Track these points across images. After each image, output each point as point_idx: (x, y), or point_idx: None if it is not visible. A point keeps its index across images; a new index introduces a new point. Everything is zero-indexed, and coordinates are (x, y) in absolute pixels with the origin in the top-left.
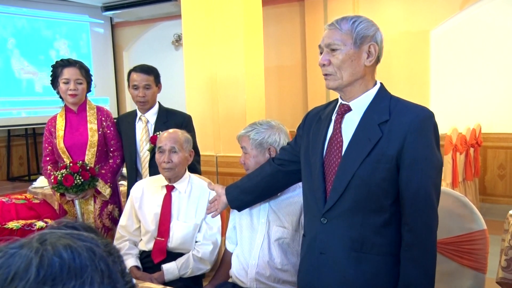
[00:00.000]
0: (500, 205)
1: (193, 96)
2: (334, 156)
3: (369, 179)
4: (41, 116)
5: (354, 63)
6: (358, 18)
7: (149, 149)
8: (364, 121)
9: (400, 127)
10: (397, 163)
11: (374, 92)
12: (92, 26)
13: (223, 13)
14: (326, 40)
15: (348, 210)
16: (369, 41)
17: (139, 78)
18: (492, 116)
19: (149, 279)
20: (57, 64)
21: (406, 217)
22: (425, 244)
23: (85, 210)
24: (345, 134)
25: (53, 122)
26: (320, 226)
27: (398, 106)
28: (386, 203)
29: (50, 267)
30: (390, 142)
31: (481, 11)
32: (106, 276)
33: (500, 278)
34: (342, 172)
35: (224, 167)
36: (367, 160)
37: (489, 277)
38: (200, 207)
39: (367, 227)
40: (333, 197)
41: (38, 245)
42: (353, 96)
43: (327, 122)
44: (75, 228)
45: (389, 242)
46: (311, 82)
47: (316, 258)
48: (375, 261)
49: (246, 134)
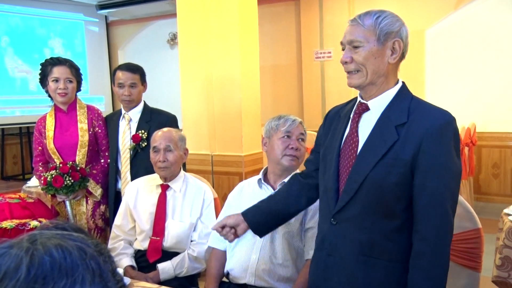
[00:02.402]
0: (495, 204)
1: (188, 95)
2: (349, 156)
3: (381, 182)
4: (35, 115)
5: (377, 60)
6: (382, 13)
7: (131, 147)
8: (381, 122)
9: (417, 131)
10: (411, 169)
11: (394, 92)
12: (87, 25)
13: (219, 12)
14: (348, 36)
15: (358, 213)
16: (393, 37)
17: (124, 77)
18: (487, 115)
19: (145, 278)
20: (47, 62)
21: (417, 225)
22: (436, 254)
23: (77, 211)
24: (361, 134)
25: (42, 122)
26: (329, 227)
27: (418, 109)
28: (397, 209)
29: (40, 266)
30: (405, 146)
31: (475, 10)
32: (97, 275)
33: (495, 277)
34: (355, 174)
35: (220, 166)
36: (380, 163)
37: (484, 276)
38: (195, 206)
39: (377, 231)
40: (344, 198)
41: (28, 244)
42: (372, 94)
43: (346, 121)
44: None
45: (400, 248)
46: (307, 81)
47: (323, 259)
48: (385, 267)
49: (302, 124)
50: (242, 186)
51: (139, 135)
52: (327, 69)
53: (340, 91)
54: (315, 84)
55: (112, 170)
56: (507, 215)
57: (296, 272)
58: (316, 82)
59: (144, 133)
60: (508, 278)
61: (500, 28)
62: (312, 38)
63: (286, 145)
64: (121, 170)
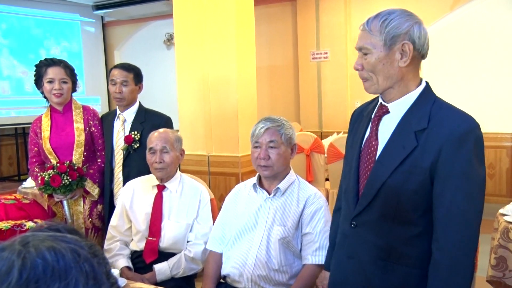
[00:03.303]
0: (490, 204)
1: (185, 95)
2: (368, 160)
3: (399, 189)
4: (30, 115)
5: (386, 66)
6: (389, 16)
7: (123, 148)
8: (401, 127)
9: (437, 138)
10: (431, 177)
11: (416, 95)
12: (83, 25)
13: (215, 12)
14: (358, 43)
15: (376, 218)
16: (402, 40)
17: (117, 74)
18: (482, 115)
19: (141, 279)
20: (41, 63)
21: (436, 234)
22: (455, 265)
23: (75, 211)
24: (381, 138)
25: (38, 123)
26: (350, 229)
27: (439, 113)
28: (414, 216)
29: (33, 269)
30: (424, 153)
31: (471, 11)
32: (91, 277)
33: (490, 277)
34: (373, 178)
35: (216, 167)
36: (398, 169)
37: (479, 276)
38: (192, 206)
39: (394, 237)
40: (363, 203)
41: (20, 247)
42: (392, 98)
43: (367, 121)
44: (59, 230)
45: (419, 255)
46: (303, 81)
47: (344, 262)
48: (403, 272)
49: (274, 127)
50: (238, 189)
51: (131, 136)
52: (324, 70)
53: (336, 91)
54: (312, 84)
55: (107, 170)
56: (502, 215)
57: (293, 277)
58: (312, 82)
59: (137, 134)
60: (503, 278)
61: (496, 29)
62: (309, 38)
63: (256, 155)
64: (114, 170)
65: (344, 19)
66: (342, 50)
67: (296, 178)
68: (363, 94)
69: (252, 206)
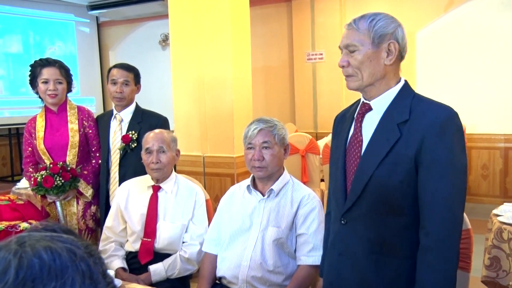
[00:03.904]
0: (484, 205)
1: (180, 96)
2: (354, 156)
3: (386, 181)
4: (24, 116)
5: (373, 63)
6: (376, 16)
7: (120, 148)
8: (384, 121)
9: (419, 128)
10: (415, 165)
11: (396, 91)
12: (78, 25)
13: (211, 13)
14: (344, 41)
15: (366, 212)
16: (388, 39)
17: (118, 74)
18: (476, 117)
19: (136, 280)
20: (36, 63)
21: (423, 221)
22: (442, 249)
23: (68, 212)
24: (365, 134)
25: (32, 123)
26: (340, 227)
27: (419, 106)
28: (405, 206)
29: (29, 268)
30: (408, 143)
31: (465, 13)
32: (87, 277)
33: (484, 277)
34: (360, 173)
35: (211, 168)
36: (385, 161)
37: (473, 276)
38: (187, 207)
39: (386, 229)
40: (352, 198)
41: (17, 247)
42: (374, 95)
43: (350, 121)
44: (55, 230)
45: (410, 245)
46: (298, 82)
47: (335, 258)
48: (396, 265)
49: (267, 128)
50: (233, 190)
51: (129, 136)
52: (319, 71)
53: (331, 92)
54: (307, 85)
55: (103, 170)
56: (496, 215)
57: (288, 278)
58: (307, 83)
59: (134, 134)
60: (497, 278)
61: (489, 31)
62: (304, 39)
63: (250, 157)
64: (111, 170)
65: (340, 20)
66: (337, 51)
67: (290, 179)
68: (358, 95)
69: (247, 207)
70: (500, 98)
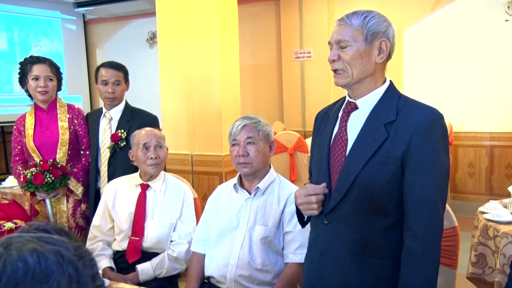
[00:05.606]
0: (470, 202)
1: (168, 94)
2: (339, 155)
3: (373, 181)
4: (9, 114)
5: (364, 60)
6: (369, 13)
7: (109, 146)
8: (370, 121)
9: (406, 128)
10: (402, 166)
11: (383, 91)
12: (64, 23)
13: (198, 11)
14: (335, 36)
15: (350, 212)
16: (380, 37)
17: (109, 74)
18: (463, 115)
19: (124, 280)
20: (26, 61)
21: (408, 222)
22: (427, 251)
23: (58, 210)
24: (350, 133)
25: (22, 121)
26: (322, 227)
27: (406, 106)
28: (390, 206)
29: (13, 272)
30: (395, 143)
31: (452, 12)
32: (74, 281)
33: (470, 274)
34: (346, 173)
35: (200, 166)
36: (371, 161)
37: (460, 273)
38: (175, 206)
39: (370, 229)
40: (336, 198)
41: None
42: (361, 94)
43: (334, 120)
44: (47, 230)
45: (393, 246)
46: (286, 81)
47: (317, 259)
48: (378, 265)
49: (251, 124)
50: (220, 189)
51: (118, 134)
52: (307, 69)
53: (319, 90)
54: (295, 83)
55: (93, 169)
56: (482, 213)
57: (277, 276)
58: (295, 81)
59: (124, 132)
60: (483, 275)
61: (476, 30)
62: (292, 38)
63: (235, 153)
64: (100, 169)
65: (328, 19)
66: (325, 49)
67: (276, 177)
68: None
69: (233, 206)
70: (486, 97)
